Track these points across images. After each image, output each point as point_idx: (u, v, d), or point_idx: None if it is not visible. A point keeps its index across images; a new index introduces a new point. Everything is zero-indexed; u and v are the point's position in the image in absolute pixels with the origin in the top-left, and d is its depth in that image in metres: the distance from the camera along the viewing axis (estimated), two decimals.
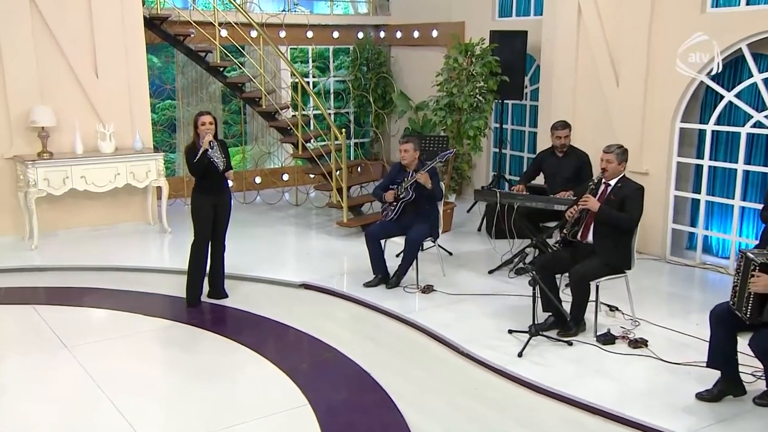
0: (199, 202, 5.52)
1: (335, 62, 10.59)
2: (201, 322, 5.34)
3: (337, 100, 10.69)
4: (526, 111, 8.74)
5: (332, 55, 10.53)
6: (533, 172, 6.40)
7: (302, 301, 5.81)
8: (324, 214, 8.70)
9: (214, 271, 5.74)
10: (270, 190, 9.64)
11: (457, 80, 7.37)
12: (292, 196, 9.30)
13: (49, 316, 5.38)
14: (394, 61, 10.54)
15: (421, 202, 5.88)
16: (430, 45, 9.80)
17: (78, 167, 7.13)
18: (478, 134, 7.34)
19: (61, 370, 4.51)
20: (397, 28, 10.24)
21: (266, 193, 9.41)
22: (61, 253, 6.90)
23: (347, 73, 10.59)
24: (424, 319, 5.22)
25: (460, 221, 8.16)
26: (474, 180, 9.40)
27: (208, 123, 5.42)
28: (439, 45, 9.57)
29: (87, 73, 7.40)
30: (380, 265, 5.97)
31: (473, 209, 8.60)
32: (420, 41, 9.93)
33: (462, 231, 7.82)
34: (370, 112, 10.73)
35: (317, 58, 10.40)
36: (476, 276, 6.22)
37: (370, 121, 10.81)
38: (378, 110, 9.62)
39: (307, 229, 8.00)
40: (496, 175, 8.24)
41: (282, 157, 9.89)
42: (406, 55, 10.35)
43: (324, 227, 8.12)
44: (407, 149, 5.83)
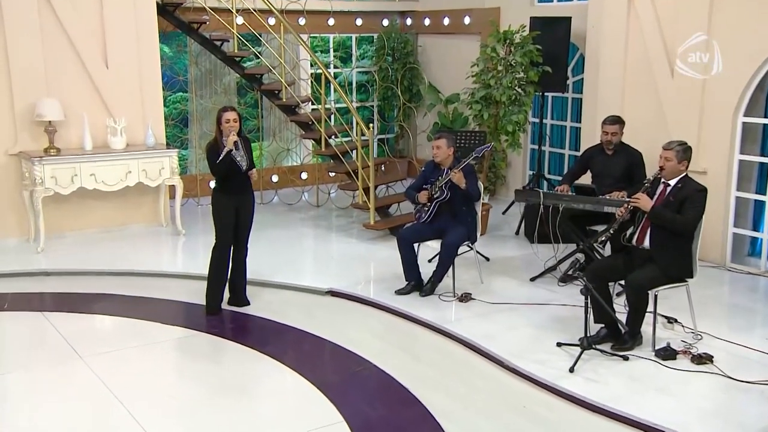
0: (220, 203, 5.54)
1: (358, 52, 10.62)
2: (222, 331, 5.37)
3: (360, 92, 10.71)
4: (567, 104, 8.71)
5: (355, 44, 10.55)
6: (579, 170, 6.37)
7: (329, 309, 5.82)
8: (347, 216, 8.72)
9: (236, 277, 5.76)
10: (288, 189, 9.68)
11: (495, 71, 7.34)
12: (311, 196, 9.32)
13: (59, 323, 5.43)
14: (422, 50, 10.54)
15: (457, 202, 5.87)
16: (461, 33, 9.79)
17: (87, 164, 7.20)
18: (517, 130, 7.31)
19: (76, 381, 4.55)
20: (425, 15, 10.24)
21: (284, 193, 9.44)
22: (68, 256, 6.96)
23: (371, 64, 10.61)
24: (464, 330, 5.21)
25: (495, 224, 8.14)
26: (509, 179, 9.37)
27: (233, 120, 5.44)
28: (472, 33, 9.56)
29: (96, 64, 7.48)
30: (413, 270, 5.97)
31: (509, 211, 8.57)
32: (450, 29, 9.92)
33: (498, 234, 7.80)
34: (395, 106, 10.73)
35: (338, 47, 10.42)
36: (517, 283, 6.20)
37: (396, 115, 10.82)
38: (406, 104, 9.60)
39: (330, 232, 8.03)
40: (535, 174, 8.21)
41: (302, 154, 9.93)
42: (435, 43, 10.35)
43: (348, 230, 8.13)
44: (439, 145, 5.82)
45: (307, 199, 9.31)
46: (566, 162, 8.82)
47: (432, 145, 5.86)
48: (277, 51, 8.55)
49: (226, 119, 5.45)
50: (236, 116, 5.48)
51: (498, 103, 7.36)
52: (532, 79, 7.26)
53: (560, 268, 6.26)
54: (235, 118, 5.46)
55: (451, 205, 5.88)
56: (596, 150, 6.29)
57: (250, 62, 9.21)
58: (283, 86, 8.27)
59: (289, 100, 8.40)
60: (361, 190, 7.70)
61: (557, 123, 8.91)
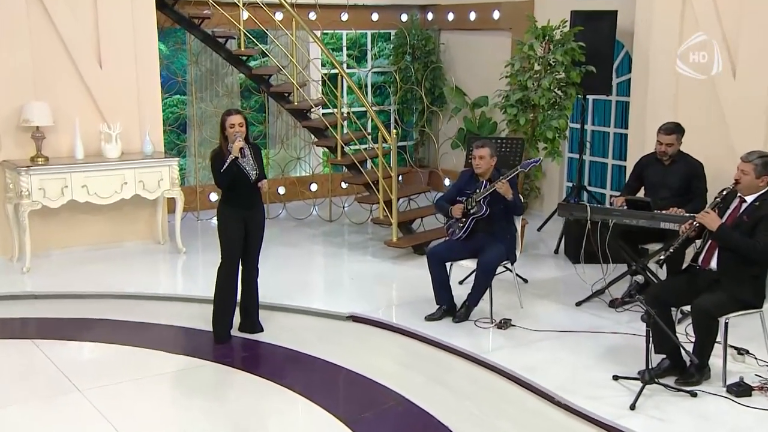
0: (227, 217, 5.53)
1: (373, 50, 10.64)
2: (234, 361, 5.35)
3: (375, 95, 10.72)
4: (611, 108, 8.69)
5: (370, 41, 10.58)
6: (635, 182, 6.34)
7: (352, 336, 5.81)
8: (363, 232, 8.70)
9: (247, 299, 5.75)
10: (297, 202, 9.67)
11: (532, 71, 7.33)
12: (322, 209, 9.31)
13: (53, 352, 5.42)
14: (445, 48, 10.56)
15: (496, 218, 5.85)
16: (490, 29, 9.80)
17: (79, 174, 7.20)
18: (557, 136, 7.29)
19: (76, 417, 4.52)
20: (448, 9, 10.26)
21: (293, 207, 9.43)
22: (57, 277, 6.96)
23: (389, 63, 10.63)
24: (505, 361, 5.18)
25: (531, 241, 8.11)
26: (544, 192, 9.35)
27: (238, 125, 5.43)
28: (502, 29, 9.57)
29: (89, 63, 7.50)
30: (445, 293, 5.95)
31: (545, 227, 8.54)
32: (477, 24, 9.94)
33: (535, 253, 7.76)
34: (415, 110, 10.74)
35: (352, 45, 10.45)
36: (561, 308, 6.17)
37: (415, 120, 10.82)
38: (430, 107, 9.61)
39: (345, 250, 8.02)
40: (575, 187, 8.18)
41: (313, 163, 9.93)
42: (459, 41, 10.36)
43: (366, 247, 8.12)
44: (483, 155, 5.81)
45: (318, 214, 9.30)
46: (609, 172, 8.79)
47: (474, 154, 5.83)
48: (286, 49, 8.57)
49: (230, 123, 5.44)
50: (242, 120, 5.47)
51: (536, 107, 7.35)
52: (574, 80, 7.25)
53: (609, 292, 6.21)
54: (240, 122, 5.45)
55: (489, 222, 5.87)
56: (651, 158, 6.25)
57: (254, 61, 9.23)
58: (295, 88, 8.28)
59: (300, 103, 8.42)
60: (381, 203, 7.67)
61: (599, 129, 8.89)
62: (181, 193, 7.71)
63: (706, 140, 6.67)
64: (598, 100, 8.71)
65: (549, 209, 8.83)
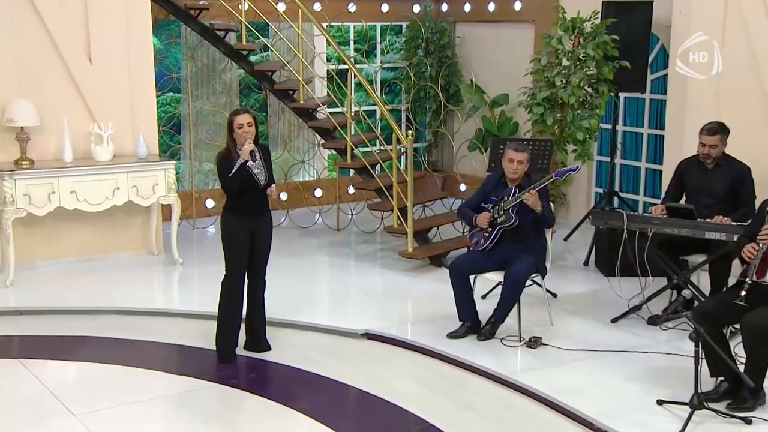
0: (232, 226, 5.52)
1: (382, 44, 10.65)
2: (241, 382, 5.35)
3: (384, 92, 10.70)
4: (644, 107, 8.68)
5: (379, 34, 10.58)
6: (676, 187, 6.31)
7: (367, 355, 5.80)
8: (373, 242, 8.71)
9: (253, 316, 5.75)
10: (301, 209, 9.65)
11: (560, 66, 7.32)
12: (328, 217, 9.29)
13: (42, 373, 5.40)
14: (461, 42, 10.56)
15: (525, 228, 5.84)
16: (511, 21, 9.81)
17: (67, 179, 7.19)
18: (588, 138, 7.28)
19: None
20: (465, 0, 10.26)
21: (296, 214, 9.42)
22: (44, 290, 6.95)
23: (400, 58, 10.62)
24: (537, 382, 5.16)
25: (557, 252, 8.06)
26: (571, 199, 9.32)
27: (247, 125, 5.41)
28: (524, 21, 9.56)
29: (78, 58, 7.48)
30: (469, 308, 5.94)
31: (572, 237, 8.52)
32: (497, 16, 9.94)
33: (562, 265, 7.74)
34: (428, 109, 10.73)
35: (360, 38, 10.45)
36: (596, 325, 6.15)
37: (428, 120, 10.81)
38: (447, 105, 9.60)
39: (355, 261, 8.01)
40: (606, 192, 8.15)
41: (317, 167, 9.91)
42: (477, 34, 10.36)
43: (378, 258, 8.11)
44: (522, 160, 5.79)
45: (324, 222, 9.28)
46: (642, 177, 8.77)
47: (511, 158, 5.78)
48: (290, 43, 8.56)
49: (238, 124, 5.42)
50: (251, 120, 5.46)
51: (564, 106, 7.34)
52: (606, 77, 7.24)
53: (648, 307, 6.18)
54: (249, 121, 5.44)
55: (518, 232, 5.85)
56: (692, 162, 6.23)
57: (254, 56, 9.21)
58: (300, 85, 8.27)
59: (307, 101, 8.40)
60: (395, 210, 7.65)
61: (631, 129, 8.88)
62: (177, 199, 7.71)
63: (754, 142, 6.65)
64: (630, 98, 8.69)
65: (576, 217, 8.81)
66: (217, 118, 9.41)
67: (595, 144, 8.76)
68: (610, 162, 8.17)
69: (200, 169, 9.34)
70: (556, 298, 6.76)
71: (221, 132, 9.46)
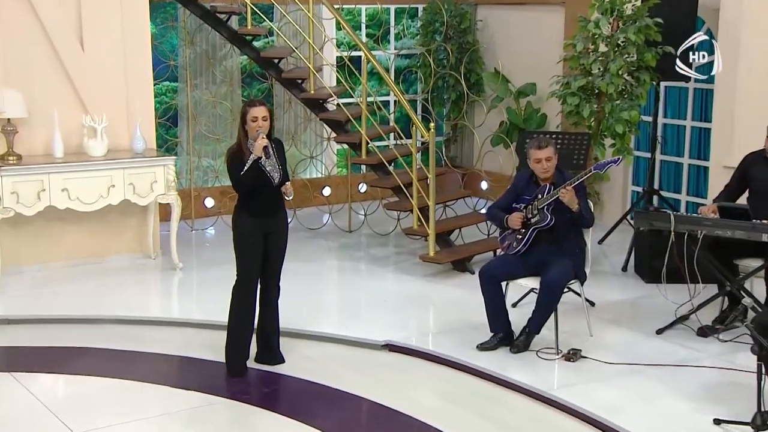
0: (244, 227, 5.54)
1: (397, 29, 10.65)
2: (253, 398, 5.36)
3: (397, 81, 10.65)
4: (687, 97, 8.68)
5: (393, 18, 10.58)
6: (738, 185, 6.30)
7: (390, 369, 5.81)
8: (388, 244, 8.75)
9: (266, 325, 5.76)
10: (308, 209, 9.66)
11: (597, 53, 7.32)
12: (337, 217, 9.30)
13: (36, 388, 5.41)
14: (483, 26, 10.58)
15: (562, 228, 5.84)
16: (538, 3, 9.83)
17: (58, 176, 7.21)
18: (628, 131, 7.27)
19: None
20: None
21: (303, 214, 9.43)
22: (32, 298, 6.98)
23: (416, 44, 10.62)
24: (578, 399, 5.16)
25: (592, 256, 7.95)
26: (605, 198, 9.32)
27: (262, 118, 5.41)
28: (553, 3, 9.57)
29: (69, 45, 7.51)
30: (502, 318, 5.95)
31: (607, 239, 8.52)
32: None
33: (598, 270, 7.72)
34: (446, 100, 10.73)
35: (371, 23, 10.45)
36: (639, 337, 6.16)
37: (446, 111, 10.81)
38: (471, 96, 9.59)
39: (372, 266, 8.05)
40: (646, 191, 8.15)
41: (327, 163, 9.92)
42: (500, 18, 10.38)
43: (395, 263, 8.14)
44: (550, 156, 5.79)
45: (334, 222, 9.29)
46: (685, 174, 8.77)
47: (538, 157, 5.77)
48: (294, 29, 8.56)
49: (252, 117, 5.42)
50: (266, 113, 5.46)
51: (602, 96, 7.33)
52: (649, 64, 7.24)
53: (697, 317, 6.18)
54: (264, 115, 5.44)
55: (553, 233, 5.85)
56: (757, 157, 6.21)
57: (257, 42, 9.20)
58: (311, 73, 8.28)
59: (318, 91, 8.41)
60: (416, 210, 7.65)
61: (672, 122, 8.87)
62: (177, 198, 7.73)
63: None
64: (671, 87, 8.68)
65: (611, 218, 8.81)
66: (218, 110, 9.44)
67: (632, 138, 8.74)
68: (651, 157, 8.17)
69: (199, 165, 9.36)
70: (593, 306, 6.76)
71: (222, 125, 9.53)
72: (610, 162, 5.85)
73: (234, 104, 9.58)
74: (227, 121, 9.49)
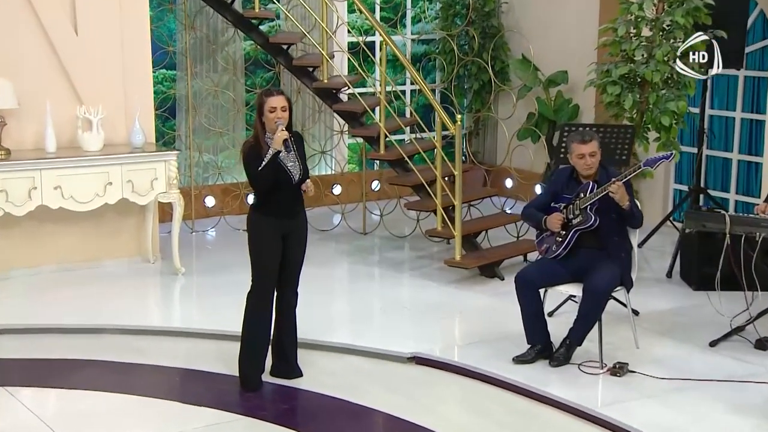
0: (261, 229, 5.55)
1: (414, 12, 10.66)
2: (271, 415, 5.37)
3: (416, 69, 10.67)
4: (737, 86, 8.69)
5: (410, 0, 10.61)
6: None
7: (418, 383, 5.83)
8: (406, 247, 8.78)
9: (283, 335, 5.77)
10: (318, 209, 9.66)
11: (640, 37, 7.31)
12: (350, 218, 9.30)
13: (34, 404, 5.42)
14: (508, 9, 10.59)
15: (606, 230, 5.84)
16: None
17: (51, 172, 7.24)
18: (674, 123, 7.28)
19: None
20: None
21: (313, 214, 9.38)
22: (22, 305, 7.02)
23: (434, 29, 10.63)
24: (627, 417, 5.15)
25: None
26: (643, 196, 9.31)
27: (281, 109, 5.42)
28: None
29: (62, 29, 7.53)
30: (539, 328, 5.96)
31: (648, 242, 8.53)
32: None
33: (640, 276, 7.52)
34: (468, 89, 10.73)
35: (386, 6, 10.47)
36: (691, 349, 6.17)
37: (467, 103, 10.81)
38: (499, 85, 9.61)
39: (390, 271, 8.09)
40: (693, 190, 8.15)
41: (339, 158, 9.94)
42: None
43: (416, 268, 8.19)
44: (594, 151, 5.79)
45: (347, 223, 9.30)
46: (734, 171, 8.77)
47: (581, 152, 5.77)
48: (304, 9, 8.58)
49: (271, 107, 5.43)
50: (285, 103, 5.47)
51: (645, 85, 7.34)
52: (699, 49, 7.24)
53: (756, 328, 6.18)
54: (284, 105, 5.45)
55: (597, 235, 5.86)
56: None
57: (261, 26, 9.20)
58: (324, 60, 8.29)
59: (331, 80, 8.42)
60: (440, 210, 7.66)
61: (720, 113, 8.88)
62: (180, 196, 7.75)
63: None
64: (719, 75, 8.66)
65: (652, 219, 8.77)
66: (220, 100, 9.46)
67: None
68: (699, 153, 8.17)
69: (199, 161, 9.38)
70: (637, 315, 6.76)
71: (224, 116, 9.57)
72: (662, 158, 5.85)
73: (237, 94, 9.62)
74: (230, 113, 9.52)
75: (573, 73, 9.55)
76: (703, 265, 7.07)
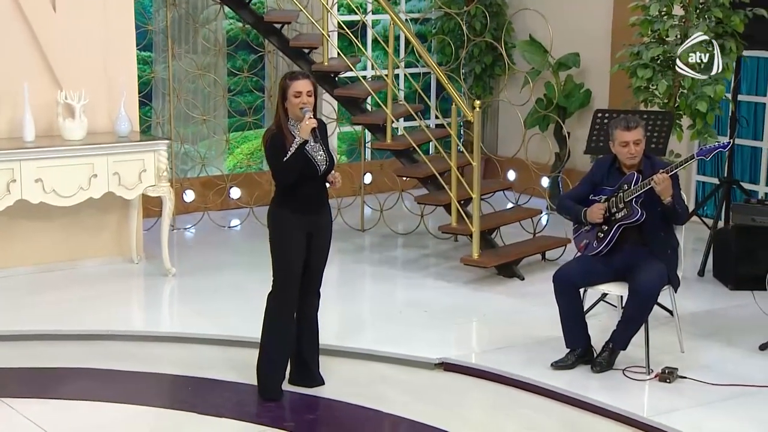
0: (285, 225, 5.56)
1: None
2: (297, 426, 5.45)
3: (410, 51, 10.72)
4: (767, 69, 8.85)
5: None
6: None
7: (448, 391, 5.89)
8: (411, 245, 8.86)
9: (303, 341, 5.81)
10: None
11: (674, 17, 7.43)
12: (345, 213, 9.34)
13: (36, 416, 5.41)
14: None
15: (652, 225, 5.92)
16: None
17: (30, 163, 7.22)
18: (710, 110, 7.41)
19: None
20: None
21: None
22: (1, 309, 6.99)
23: (430, 7, 10.69)
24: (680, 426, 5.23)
25: None
26: None
27: (306, 93, 5.44)
28: None
29: (39, 5, 7.51)
30: (580, 331, 6.04)
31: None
32: None
33: None
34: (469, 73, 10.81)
35: None
36: (739, 353, 6.27)
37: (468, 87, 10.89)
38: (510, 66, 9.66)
39: (401, 271, 8.18)
40: (725, 181, 8.29)
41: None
42: None
43: (425, 267, 8.28)
44: (639, 139, 5.85)
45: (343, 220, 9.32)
46: (764, 161, 8.90)
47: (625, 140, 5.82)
48: None
49: (296, 92, 5.43)
50: (311, 87, 5.48)
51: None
52: (737, 29, 7.37)
53: None
54: (309, 89, 5.45)
55: (642, 230, 5.95)
56: None
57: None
58: (325, 40, 8.34)
59: (331, 63, 8.47)
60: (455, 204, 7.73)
61: (748, 99, 8.99)
62: (171, 190, 7.77)
63: None
64: (751, 58, 8.81)
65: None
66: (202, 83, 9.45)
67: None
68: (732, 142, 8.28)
69: (186, 151, 9.42)
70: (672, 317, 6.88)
71: (207, 102, 9.58)
72: (719, 147, 5.90)
73: (219, 77, 9.63)
74: (213, 98, 9.53)
75: (584, 56, 9.67)
76: (742, 262, 7.20)
